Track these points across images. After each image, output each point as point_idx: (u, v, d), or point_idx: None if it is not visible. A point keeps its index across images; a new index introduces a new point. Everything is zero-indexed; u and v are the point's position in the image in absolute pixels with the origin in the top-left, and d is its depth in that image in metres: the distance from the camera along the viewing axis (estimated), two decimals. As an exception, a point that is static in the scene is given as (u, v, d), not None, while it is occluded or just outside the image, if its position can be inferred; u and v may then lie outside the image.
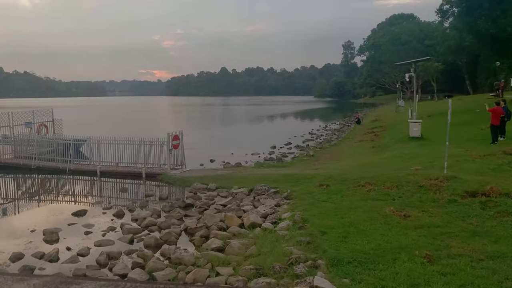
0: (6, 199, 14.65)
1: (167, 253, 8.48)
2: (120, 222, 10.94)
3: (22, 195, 15.39)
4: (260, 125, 48.73)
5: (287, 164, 18.30)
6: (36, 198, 14.77)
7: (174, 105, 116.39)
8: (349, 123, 42.28)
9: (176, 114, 73.78)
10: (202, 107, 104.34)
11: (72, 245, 9.28)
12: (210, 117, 65.29)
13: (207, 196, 13.25)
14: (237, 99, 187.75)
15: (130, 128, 38.09)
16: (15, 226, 11.01)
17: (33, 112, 20.98)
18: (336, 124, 42.66)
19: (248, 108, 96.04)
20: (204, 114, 75.47)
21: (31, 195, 15.27)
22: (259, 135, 34.40)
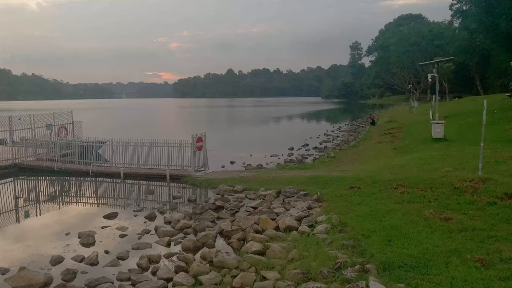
0: (36, 201, 14.69)
1: (208, 256, 8.39)
2: (154, 224, 10.88)
3: (51, 197, 15.39)
4: (273, 127, 48.58)
5: (309, 166, 18.17)
6: (65, 201, 14.78)
7: (184, 107, 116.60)
8: (362, 124, 42.04)
9: (188, 116, 73.82)
10: (211, 109, 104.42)
11: (110, 248, 9.24)
12: (222, 119, 65.22)
13: (235, 198, 13.15)
14: (244, 101, 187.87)
15: (146, 130, 38.19)
16: (49, 229, 10.98)
17: (53, 115, 21.05)
18: (349, 125, 42.43)
19: (257, 110, 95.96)
20: (215, 116, 75.44)
21: (59, 198, 15.30)
22: (274, 137, 34.32)
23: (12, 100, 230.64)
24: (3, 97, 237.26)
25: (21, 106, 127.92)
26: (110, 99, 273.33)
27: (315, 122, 56.43)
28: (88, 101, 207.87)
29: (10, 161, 18.69)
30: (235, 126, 46.18)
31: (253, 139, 32.14)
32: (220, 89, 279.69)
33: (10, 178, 17.99)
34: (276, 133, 38.27)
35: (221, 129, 43.41)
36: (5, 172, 18.22)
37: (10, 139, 19.02)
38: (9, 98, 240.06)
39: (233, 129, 41.54)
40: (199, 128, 44.25)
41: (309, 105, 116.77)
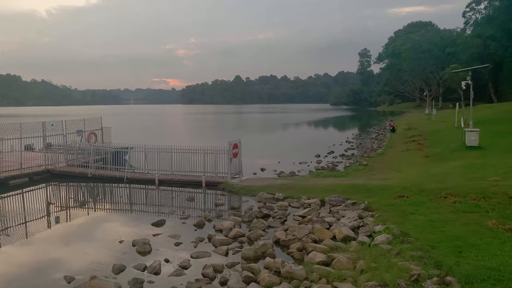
0: (79, 207, 14.67)
1: (273, 267, 8.23)
2: (205, 232, 10.77)
3: (92, 203, 15.34)
4: (291, 133, 48.32)
5: (343, 173, 18.00)
6: (107, 208, 14.70)
7: (195, 114, 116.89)
8: (381, 131, 41.78)
9: (202, 122, 73.88)
10: (223, 116, 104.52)
11: (169, 256, 9.12)
12: (237, 126, 65.08)
13: (279, 206, 13.00)
14: (252, 107, 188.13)
15: (168, 137, 38.25)
16: (102, 236, 10.91)
17: (84, 121, 21.09)
18: (368, 132, 42.16)
19: (269, 116, 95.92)
20: (229, 122, 75.38)
21: (100, 204, 15.24)
22: (295, 143, 34.18)
23: (22, 106, 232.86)
24: (13, 102, 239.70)
25: (31, 112, 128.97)
26: (118, 105, 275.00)
27: (331, 129, 56.23)
28: (97, 107, 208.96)
29: (43, 167, 18.69)
30: (253, 133, 46.04)
31: (274, 146, 32.00)
32: (228, 96, 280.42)
33: (43, 184, 17.99)
34: (296, 140, 38.07)
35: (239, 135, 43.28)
36: (38, 178, 18.22)
37: (44, 145, 19.01)
38: (18, 104, 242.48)
39: (251, 136, 41.36)
40: (218, 135, 44.25)
41: (319, 112, 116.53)
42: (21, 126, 17.68)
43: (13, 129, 17.43)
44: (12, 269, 8.81)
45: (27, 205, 15.30)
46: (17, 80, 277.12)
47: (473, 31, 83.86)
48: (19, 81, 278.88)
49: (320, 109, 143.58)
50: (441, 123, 39.05)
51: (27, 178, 17.75)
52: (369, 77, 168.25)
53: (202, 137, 39.26)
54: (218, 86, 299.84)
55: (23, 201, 16.10)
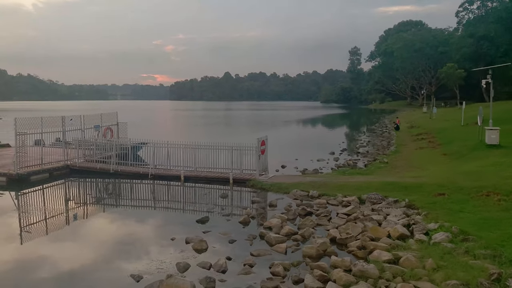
0: (117, 205, 14.46)
1: (341, 265, 8.15)
2: (254, 230, 10.65)
3: (129, 201, 14.98)
4: (294, 131, 47.97)
5: (368, 171, 18.00)
6: (144, 205, 14.40)
7: (187, 110, 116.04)
8: (384, 129, 42.00)
9: (198, 119, 73.27)
10: (217, 112, 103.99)
11: (228, 254, 8.96)
12: (239, 123, 64.56)
13: (318, 204, 12.92)
14: (243, 104, 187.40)
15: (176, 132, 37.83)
16: (151, 234, 10.69)
17: (101, 116, 20.69)
18: (371, 131, 42.30)
19: (264, 114, 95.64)
20: (228, 119, 74.75)
21: (137, 201, 14.89)
22: (302, 141, 34.10)
23: (8, 100, 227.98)
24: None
25: (18, 107, 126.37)
26: (105, 101, 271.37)
27: (331, 127, 56.28)
28: (85, 102, 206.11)
29: (62, 162, 18.28)
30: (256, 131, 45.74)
31: (283, 144, 31.81)
32: (217, 92, 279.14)
33: (62, 180, 17.60)
34: (301, 137, 38.00)
35: (244, 133, 43.08)
36: (58, 174, 17.81)
37: (63, 140, 18.58)
38: (4, 98, 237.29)
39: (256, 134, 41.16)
40: (223, 132, 43.95)
41: (312, 110, 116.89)
42: (42, 120, 17.21)
43: (33, 123, 16.96)
44: (76, 267, 8.55)
45: (63, 201, 14.99)
46: (3, 74, 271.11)
47: (466, 31, 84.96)
48: (5, 75, 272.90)
49: (312, 107, 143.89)
50: (444, 121, 39.43)
51: (48, 174, 17.34)
52: (359, 75, 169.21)
53: (207, 134, 38.96)
54: (208, 82, 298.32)
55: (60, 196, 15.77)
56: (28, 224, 12.10)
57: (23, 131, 16.53)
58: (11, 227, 11.74)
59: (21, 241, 10.50)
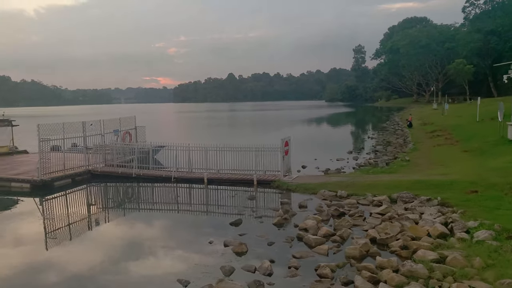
0: (147, 209, 14.33)
1: (387, 265, 8.03)
2: (290, 231, 10.58)
3: (156, 205, 14.86)
4: (305, 130, 47.48)
5: (392, 169, 17.85)
6: (172, 209, 14.31)
7: (193, 112, 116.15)
8: (396, 126, 41.76)
9: (207, 120, 73.30)
10: (224, 114, 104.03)
11: (269, 256, 8.85)
12: (248, 124, 64.34)
13: (348, 204, 12.80)
14: (246, 105, 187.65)
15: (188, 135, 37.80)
16: (187, 238, 10.61)
17: (119, 120, 20.68)
18: (384, 128, 42.03)
19: (271, 114, 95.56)
20: (237, 120, 74.58)
21: (164, 205, 14.83)
22: (316, 140, 33.88)
23: (12, 106, 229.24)
24: (3, 103, 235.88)
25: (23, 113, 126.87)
26: (109, 105, 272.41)
27: (341, 125, 56.08)
28: (90, 107, 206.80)
29: (83, 167, 18.27)
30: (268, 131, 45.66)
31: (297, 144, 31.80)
32: (221, 94, 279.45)
33: (84, 185, 17.59)
34: (314, 137, 37.76)
35: (256, 133, 43.01)
36: (80, 179, 17.80)
37: (84, 145, 18.57)
38: (9, 104, 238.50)
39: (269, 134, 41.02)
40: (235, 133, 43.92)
41: (318, 109, 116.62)
42: (63, 126, 17.21)
43: (56, 129, 16.96)
44: (121, 272, 8.52)
45: (89, 206, 15.01)
46: (7, 80, 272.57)
47: (473, 26, 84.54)
48: (9, 81, 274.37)
49: (317, 106, 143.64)
50: (456, 117, 39.18)
51: (70, 179, 17.33)
52: (364, 73, 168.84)
53: (219, 136, 38.93)
54: (211, 84, 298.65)
55: (85, 201, 15.75)
56: (54, 229, 12.16)
57: (46, 137, 16.50)
58: (37, 233, 11.77)
59: (46, 247, 10.51)
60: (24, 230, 12.03)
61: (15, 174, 16.99)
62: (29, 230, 11.96)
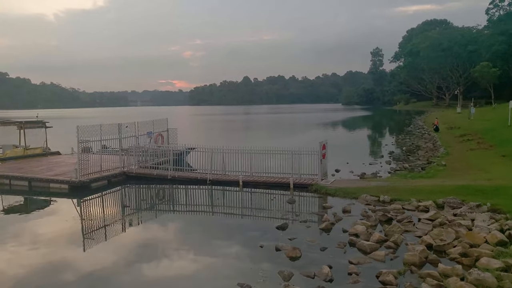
0: (185, 211, 14.35)
1: (451, 273, 7.80)
2: (337, 236, 10.40)
3: (198, 207, 14.82)
4: (328, 134, 47.24)
5: (430, 174, 17.47)
6: (215, 211, 14.31)
7: (211, 115, 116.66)
8: (422, 130, 41.06)
9: (227, 123, 73.51)
10: (243, 116, 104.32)
11: (326, 262, 8.68)
12: (271, 126, 64.21)
13: (393, 209, 12.53)
14: (261, 108, 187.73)
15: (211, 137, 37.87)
16: (236, 241, 10.48)
17: (153, 122, 20.78)
18: (409, 133, 41.35)
19: (289, 117, 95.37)
20: (259, 123, 74.38)
21: (204, 207, 14.83)
22: (342, 144, 33.52)
23: (32, 108, 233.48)
24: (23, 105, 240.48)
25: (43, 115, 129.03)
26: (126, 107, 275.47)
27: (363, 129, 55.47)
28: (108, 109, 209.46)
29: (118, 169, 18.37)
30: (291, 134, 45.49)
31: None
32: (236, 97, 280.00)
33: (119, 187, 17.68)
34: (339, 140, 37.32)
35: (276, 136, 42.88)
36: (115, 181, 17.91)
37: (120, 147, 18.68)
38: (28, 106, 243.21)
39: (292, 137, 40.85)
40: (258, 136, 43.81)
41: (336, 112, 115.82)
42: (101, 128, 17.34)
43: (93, 131, 17.09)
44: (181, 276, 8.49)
45: (127, 207, 15.14)
46: (27, 83, 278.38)
47: (496, 28, 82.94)
48: (29, 84, 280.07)
49: (334, 109, 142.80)
50: (484, 121, 38.36)
51: (106, 181, 17.45)
52: (381, 76, 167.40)
53: (243, 139, 38.92)
54: (227, 87, 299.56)
55: (123, 202, 15.84)
56: (92, 230, 12.27)
57: (85, 138, 16.64)
58: (75, 233, 11.90)
59: (83, 248, 10.53)
60: (64, 230, 12.09)
61: (53, 175, 17.15)
62: (69, 230, 12.04)
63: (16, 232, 11.89)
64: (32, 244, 10.65)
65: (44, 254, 9.99)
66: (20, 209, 15.13)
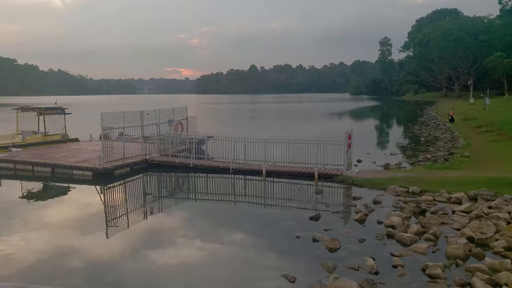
0: (211, 200, 14.32)
1: (500, 267, 7.66)
2: (372, 228, 10.26)
3: (224, 196, 14.77)
4: (343, 124, 46.89)
5: (455, 166, 17.25)
6: (242, 201, 14.22)
7: (220, 103, 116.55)
8: (437, 121, 40.63)
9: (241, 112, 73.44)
10: (252, 105, 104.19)
11: (367, 253, 8.56)
12: (283, 116, 63.76)
13: (425, 201, 12.36)
14: (268, 97, 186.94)
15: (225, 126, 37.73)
16: (271, 231, 10.38)
17: (173, 110, 20.64)
18: (424, 123, 40.92)
19: (301, 106, 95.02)
20: (270, 112, 74.00)
21: (233, 197, 14.78)
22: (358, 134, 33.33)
23: (40, 95, 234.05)
24: (31, 92, 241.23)
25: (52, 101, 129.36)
26: (133, 95, 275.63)
27: (375, 119, 54.97)
28: (116, 97, 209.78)
29: (141, 157, 18.30)
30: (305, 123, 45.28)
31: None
32: (243, 85, 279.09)
33: (141, 174, 17.64)
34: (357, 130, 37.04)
35: (291, 125, 42.62)
36: (137, 168, 17.86)
37: (142, 134, 18.61)
38: (37, 93, 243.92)
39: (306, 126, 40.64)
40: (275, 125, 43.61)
41: (344, 102, 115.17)
42: (124, 115, 17.23)
43: (116, 118, 16.99)
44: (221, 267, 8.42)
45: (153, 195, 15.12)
46: (35, 69, 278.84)
47: (509, 18, 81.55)
48: (37, 70, 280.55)
49: (342, 99, 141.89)
50: (500, 113, 37.86)
51: (129, 168, 17.41)
52: (390, 66, 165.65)
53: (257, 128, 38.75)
54: (233, 75, 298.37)
55: (147, 190, 15.81)
56: (116, 217, 12.32)
57: (109, 125, 16.55)
58: (100, 221, 11.95)
59: (106, 235, 10.45)
60: (90, 217, 12.16)
61: (76, 162, 17.12)
62: (94, 218, 12.10)
63: (42, 218, 11.89)
64: (60, 230, 10.73)
65: (70, 239, 10.04)
66: (44, 195, 15.11)
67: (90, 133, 23.92)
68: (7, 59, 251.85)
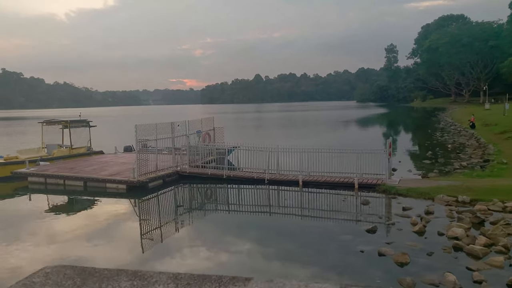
0: (261, 213, 13.95)
1: None
2: (436, 240, 9.82)
3: (264, 208, 14.45)
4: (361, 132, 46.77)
5: (496, 173, 16.82)
6: (286, 213, 13.86)
7: (228, 113, 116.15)
8: (457, 128, 40.14)
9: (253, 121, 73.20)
10: (261, 114, 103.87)
11: (440, 268, 8.13)
12: (293, 124, 63.62)
13: (479, 210, 11.92)
14: (273, 106, 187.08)
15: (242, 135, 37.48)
16: (330, 245, 10.00)
17: (201, 121, 20.38)
18: (443, 130, 40.46)
19: (309, 114, 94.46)
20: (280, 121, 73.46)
21: (275, 209, 14.46)
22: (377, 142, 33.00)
23: (47, 108, 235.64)
24: (38, 105, 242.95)
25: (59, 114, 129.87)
26: (138, 106, 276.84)
27: (390, 127, 54.42)
28: (123, 108, 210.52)
29: (172, 168, 18.00)
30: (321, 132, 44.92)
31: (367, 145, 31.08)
32: (248, 95, 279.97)
33: (172, 186, 17.32)
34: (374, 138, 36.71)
35: (312, 133, 42.29)
36: (169, 180, 17.55)
37: (173, 146, 18.31)
38: (44, 106, 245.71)
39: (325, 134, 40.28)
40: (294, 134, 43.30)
41: (352, 109, 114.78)
42: (156, 127, 16.96)
43: (149, 130, 16.73)
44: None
45: (187, 207, 14.73)
46: (41, 83, 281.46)
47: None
48: (42, 83, 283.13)
49: (349, 106, 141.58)
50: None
51: (161, 180, 17.09)
52: (396, 73, 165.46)
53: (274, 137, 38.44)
54: (238, 85, 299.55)
55: (181, 202, 15.48)
56: (149, 230, 12.04)
57: (143, 137, 16.28)
58: (135, 234, 11.76)
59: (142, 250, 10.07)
60: (127, 231, 11.95)
61: (108, 175, 16.82)
62: (130, 231, 11.91)
63: (89, 232, 11.55)
64: (105, 243, 10.44)
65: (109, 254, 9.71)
66: (80, 209, 14.80)
67: (115, 146, 23.69)
68: (13, 73, 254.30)
